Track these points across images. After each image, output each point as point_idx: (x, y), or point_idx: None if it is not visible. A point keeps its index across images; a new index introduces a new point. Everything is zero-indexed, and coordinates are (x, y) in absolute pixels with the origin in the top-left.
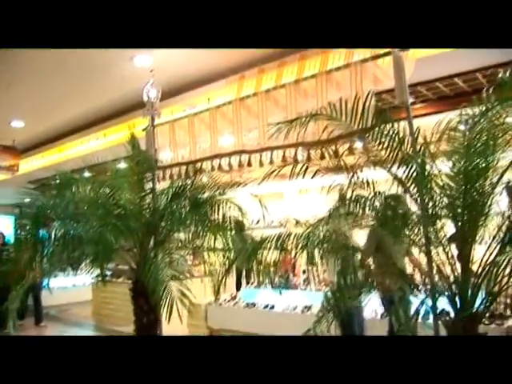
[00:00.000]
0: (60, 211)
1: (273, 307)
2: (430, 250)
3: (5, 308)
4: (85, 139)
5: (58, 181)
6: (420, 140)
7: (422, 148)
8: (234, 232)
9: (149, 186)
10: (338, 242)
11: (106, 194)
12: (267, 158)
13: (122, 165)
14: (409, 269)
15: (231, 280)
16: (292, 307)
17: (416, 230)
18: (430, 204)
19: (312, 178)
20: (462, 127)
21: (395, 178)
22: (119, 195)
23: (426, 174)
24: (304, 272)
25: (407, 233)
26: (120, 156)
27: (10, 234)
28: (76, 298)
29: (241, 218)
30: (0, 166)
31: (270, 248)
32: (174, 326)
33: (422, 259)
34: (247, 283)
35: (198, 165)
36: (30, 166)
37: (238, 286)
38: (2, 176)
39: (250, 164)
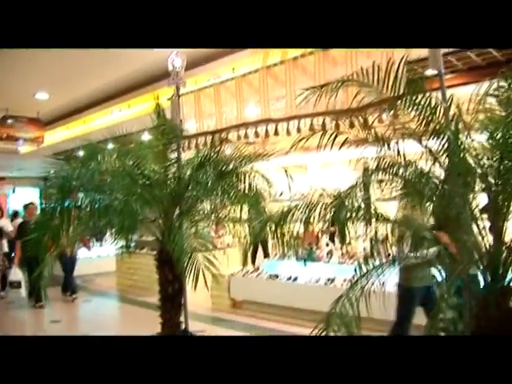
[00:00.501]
0: (85, 181)
1: (296, 279)
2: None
3: (37, 276)
4: (109, 110)
5: (83, 151)
6: (453, 110)
7: (455, 118)
8: (252, 204)
9: (174, 155)
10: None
11: (131, 164)
12: (294, 127)
13: (147, 136)
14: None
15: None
16: (315, 279)
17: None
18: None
19: (340, 148)
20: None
21: (426, 148)
22: (144, 165)
23: (459, 144)
24: (327, 245)
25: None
26: (144, 127)
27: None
28: (100, 269)
29: (266, 189)
30: (25, 138)
31: (296, 220)
32: (197, 296)
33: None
34: (266, 256)
35: (224, 134)
36: (54, 137)
37: (254, 259)
38: (27, 148)
39: (276, 133)
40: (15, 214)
